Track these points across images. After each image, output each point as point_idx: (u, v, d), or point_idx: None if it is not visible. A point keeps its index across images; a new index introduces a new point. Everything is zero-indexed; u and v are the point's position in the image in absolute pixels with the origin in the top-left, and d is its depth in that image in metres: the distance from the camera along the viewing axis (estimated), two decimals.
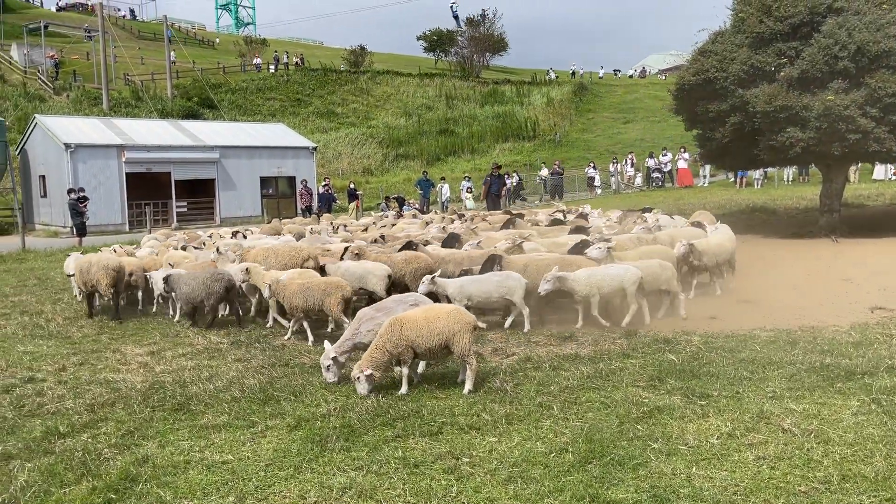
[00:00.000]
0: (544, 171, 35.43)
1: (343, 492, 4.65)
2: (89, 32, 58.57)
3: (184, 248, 12.84)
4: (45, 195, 30.84)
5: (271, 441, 5.55)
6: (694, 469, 4.76)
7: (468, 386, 6.53)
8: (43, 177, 30.78)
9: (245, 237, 14.75)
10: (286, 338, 9.06)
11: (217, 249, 11.48)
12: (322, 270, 9.89)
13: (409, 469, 4.93)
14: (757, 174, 30.43)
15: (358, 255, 10.24)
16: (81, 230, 23.46)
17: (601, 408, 5.97)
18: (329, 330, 9.15)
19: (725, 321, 9.15)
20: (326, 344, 7.12)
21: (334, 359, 6.87)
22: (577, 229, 12.68)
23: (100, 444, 5.61)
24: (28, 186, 32.25)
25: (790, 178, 31.52)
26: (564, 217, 16.01)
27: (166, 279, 10.09)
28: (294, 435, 5.64)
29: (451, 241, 11.94)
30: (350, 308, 8.88)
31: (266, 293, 9.18)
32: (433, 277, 8.92)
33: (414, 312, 6.74)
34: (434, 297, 8.63)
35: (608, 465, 4.86)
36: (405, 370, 6.60)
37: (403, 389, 6.57)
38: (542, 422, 5.71)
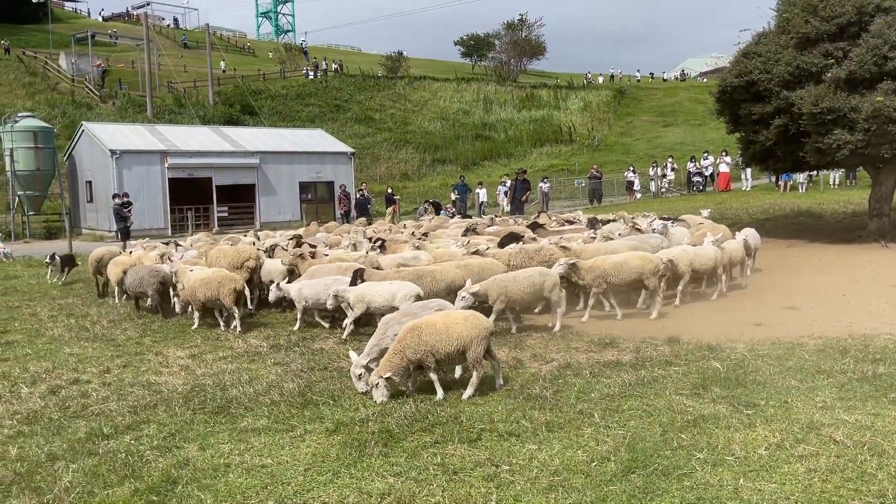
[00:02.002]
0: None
1: (382, 497, 4.62)
2: (116, 39, 59.86)
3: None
4: (91, 200, 31.56)
5: (310, 445, 5.55)
6: (741, 480, 4.62)
7: (469, 392, 6.51)
8: (89, 182, 31.52)
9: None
10: (194, 326, 10.24)
11: (170, 258, 12.68)
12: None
13: (448, 476, 4.88)
14: (802, 178, 29.73)
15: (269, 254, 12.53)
16: (125, 234, 23.91)
17: (644, 416, 5.85)
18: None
19: (771, 328, 8.93)
20: (352, 354, 7.09)
21: (366, 367, 6.83)
22: (510, 237, 12.47)
23: (142, 446, 5.68)
24: (75, 192, 33.04)
25: (836, 182, 30.74)
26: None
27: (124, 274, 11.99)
28: (333, 439, 5.63)
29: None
30: (242, 300, 10.10)
31: (178, 287, 10.71)
32: (278, 284, 10.19)
33: (432, 318, 6.70)
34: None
35: (652, 475, 4.74)
36: (433, 375, 6.56)
37: (439, 395, 6.52)
38: (583, 429, 5.61)
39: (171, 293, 11.27)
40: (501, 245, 11.74)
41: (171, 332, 10.20)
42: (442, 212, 27.38)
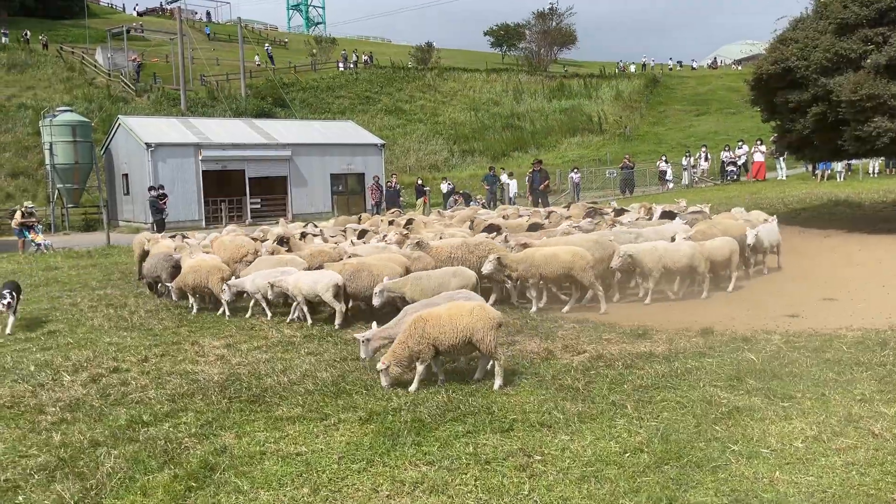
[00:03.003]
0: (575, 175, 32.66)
1: (415, 486, 4.67)
2: (142, 32, 60.59)
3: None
4: (127, 193, 32.10)
5: (344, 434, 5.62)
6: (777, 473, 4.58)
7: (498, 382, 6.53)
8: (126, 175, 32.05)
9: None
10: (227, 315, 10.56)
11: (175, 248, 13.18)
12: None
13: (480, 465, 4.91)
14: (839, 166, 29.09)
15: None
16: (161, 226, 24.34)
17: (677, 407, 5.81)
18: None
19: (808, 320, 8.79)
20: (374, 325, 7.42)
21: (366, 340, 7.14)
22: (490, 228, 12.33)
23: (180, 434, 5.80)
24: (112, 184, 33.63)
25: (876, 170, 30.02)
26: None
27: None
28: (366, 428, 5.69)
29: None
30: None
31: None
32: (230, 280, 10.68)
33: (438, 310, 6.76)
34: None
35: (685, 467, 4.72)
36: (420, 368, 6.64)
37: (413, 387, 6.58)
38: (616, 421, 5.59)
39: None
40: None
41: (207, 322, 10.37)
42: (472, 202, 27.35)
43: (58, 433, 5.91)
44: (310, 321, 9.73)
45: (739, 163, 33.04)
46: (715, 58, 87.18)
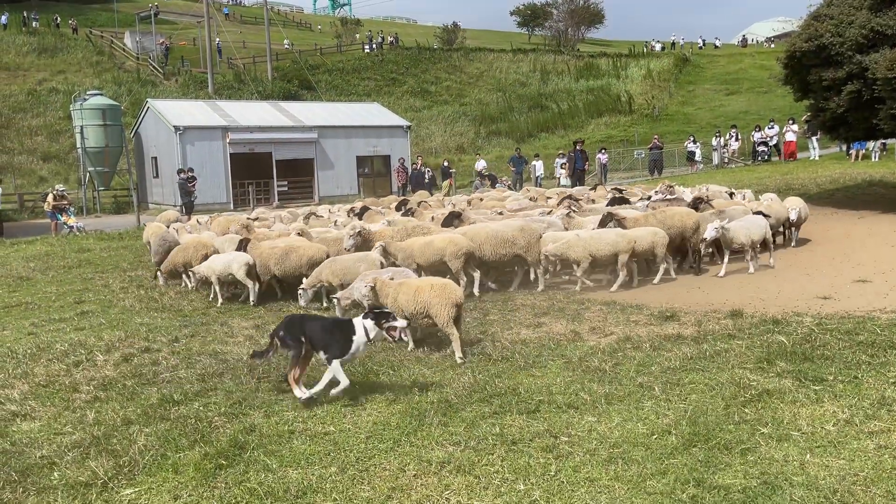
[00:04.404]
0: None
1: (441, 466, 4.69)
2: (157, 14, 60.84)
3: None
4: (157, 175, 32.48)
5: (371, 414, 5.66)
6: (808, 456, 4.52)
7: (457, 354, 6.90)
8: (155, 158, 32.41)
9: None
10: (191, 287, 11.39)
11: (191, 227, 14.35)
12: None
13: (506, 446, 4.91)
14: (874, 146, 28.41)
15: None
16: (190, 209, 24.59)
17: (706, 390, 5.76)
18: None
19: (840, 302, 8.64)
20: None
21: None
22: (451, 216, 12.21)
23: (210, 413, 5.88)
24: (142, 167, 34.03)
25: None
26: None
27: (149, 242, 13.81)
28: (393, 408, 5.73)
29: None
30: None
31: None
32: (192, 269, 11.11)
33: (411, 281, 7.51)
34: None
35: (714, 449, 4.68)
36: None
37: (410, 345, 7.48)
38: (643, 403, 5.56)
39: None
40: (445, 225, 11.64)
41: (235, 303, 10.49)
42: (498, 184, 27.24)
43: (91, 411, 6.03)
44: (220, 301, 10.45)
45: (771, 143, 32.46)
46: (744, 36, 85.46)
